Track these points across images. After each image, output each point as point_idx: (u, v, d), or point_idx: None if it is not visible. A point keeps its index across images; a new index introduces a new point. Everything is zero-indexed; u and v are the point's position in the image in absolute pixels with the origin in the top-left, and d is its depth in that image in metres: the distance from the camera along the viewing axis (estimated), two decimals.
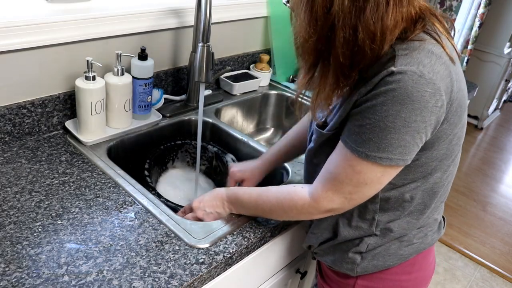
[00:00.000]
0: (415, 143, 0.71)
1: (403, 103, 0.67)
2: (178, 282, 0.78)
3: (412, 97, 0.67)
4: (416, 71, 0.67)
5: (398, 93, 0.67)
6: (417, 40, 0.70)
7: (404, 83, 0.66)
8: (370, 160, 0.72)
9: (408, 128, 0.69)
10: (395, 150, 0.70)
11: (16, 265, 0.77)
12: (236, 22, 1.51)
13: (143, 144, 1.25)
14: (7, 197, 0.92)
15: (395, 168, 0.74)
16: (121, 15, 1.17)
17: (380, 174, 0.74)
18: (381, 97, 0.68)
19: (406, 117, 0.68)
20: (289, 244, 1.10)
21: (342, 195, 0.77)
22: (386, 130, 0.69)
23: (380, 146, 0.70)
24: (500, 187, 3.11)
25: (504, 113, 4.31)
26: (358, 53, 0.69)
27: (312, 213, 0.83)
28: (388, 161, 0.71)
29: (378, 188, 0.77)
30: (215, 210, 0.94)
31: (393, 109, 0.68)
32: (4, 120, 1.06)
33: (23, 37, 1.02)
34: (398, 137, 0.69)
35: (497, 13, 3.50)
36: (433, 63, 0.68)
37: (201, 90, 1.13)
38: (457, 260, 2.41)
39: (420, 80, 0.66)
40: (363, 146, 0.72)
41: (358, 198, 0.78)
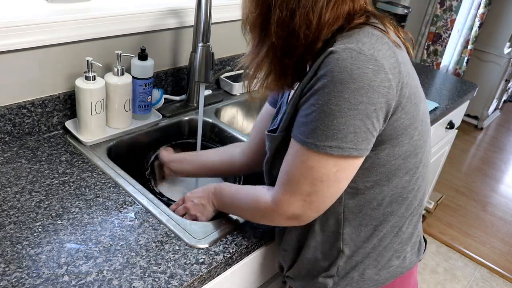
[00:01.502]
0: (367, 130, 0.66)
1: (344, 83, 0.63)
2: (178, 282, 0.78)
3: (353, 74, 0.63)
4: (354, 48, 0.64)
5: (338, 72, 0.63)
6: (357, 28, 0.68)
7: (342, 61, 0.63)
8: (321, 151, 0.67)
9: (355, 111, 0.64)
10: (345, 137, 0.65)
11: (16, 265, 0.77)
12: (236, 22, 1.51)
13: (143, 144, 1.25)
14: (7, 197, 0.92)
15: (350, 161, 0.68)
16: (121, 15, 1.17)
17: (335, 168, 0.68)
18: (322, 80, 0.65)
19: (350, 97, 0.63)
20: None
21: (300, 196, 0.72)
22: (331, 115, 0.64)
23: (328, 134, 0.65)
24: (500, 187, 3.11)
25: (504, 113, 4.31)
26: (291, 36, 0.67)
27: (274, 218, 0.78)
28: (340, 150, 0.66)
29: (338, 188, 0.71)
30: (200, 202, 0.93)
31: (335, 90, 0.63)
32: (4, 120, 1.06)
33: (23, 37, 1.02)
34: (346, 121, 0.64)
35: (497, 13, 3.50)
36: (373, 42, 0.65)
37: (201, 90, 1.13)
38: (457, 260, 2.41)
39: (360, 56, 0.63)
40: (311, 137, 0.67)
41: (317, 200, 0.72)
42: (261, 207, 0.79)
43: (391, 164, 0.73)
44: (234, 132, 1.31)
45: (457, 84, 1.94)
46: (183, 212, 0.96)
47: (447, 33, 2.98)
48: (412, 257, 0.86)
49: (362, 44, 0.64)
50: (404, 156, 0.74)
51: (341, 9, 0.68)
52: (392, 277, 0.84)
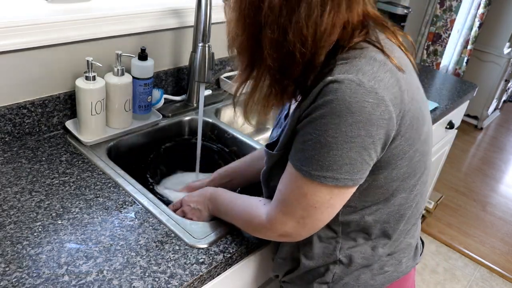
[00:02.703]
0: (364, 161, 0.65)
1: (342, 116, 0.61)
2: (178, 282, 0.78)
3: (352, 108, 0.61)
4: (354, 79, 0.61)
5: (336, 104, 0.61)
6: (358, 48, 0.65)
7: (341, 93, 0.61)
8: (315, 180, 0.66)
9: (352, 144, 0.63)
10: (341, 168, 0.64)
11: (16, 265, 0.77)
12: None
13: (143, 144, 1.25)
14: (7, 197, 0.92)
15: (345, 190, 0.68)
16: (121, 15, 1.17)
17: (329, 196, 0.68)
18: (320, 110, 0.63)
19: (347, 131, 0.62)
20: None
21: (294, 218, 0.72)
22: (327, 146, 0.63)
23: (324, 165, 0.65)
24: (500, 187, 3.11)
25: (504, 113, 4.31)
26: (287, 56, 0.64)
27: (266, 234, 0.78)
28: (334, 181, 0.65)
29: (331, 212, 0.71)
30: (197, 207, 0.93)
31: (333, 123, 0.62)
32: (4, 120, 1.06)
33: (23, 37, 1.02)
34: (342, 154, 0.63)
35: (497, 13, 3.50)
36: (375, 71, 0.63)
37: (201, 90, 1.13)
38: (457, 260, 2.41)
39: (359, 89, 0.61)
40: (306, 165, 0.66)
41: (311, 223, 0.72)
42: (254, 222, 0.79)
43: (389, 186, 0.73)
44: (234, 132, 1.31)
45: (457, 84, 1.94)
46: (180, 215, 0.95)
47: (447, 33, 2.98)
48: (409, 261, 0.86)
49: (363, 74, 0.62)
50: (403, 178, 0.73)
51: (336, 17, 0.63)
52: (388, 281, 0.83)
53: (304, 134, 0.66)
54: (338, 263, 0.80)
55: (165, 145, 1.23)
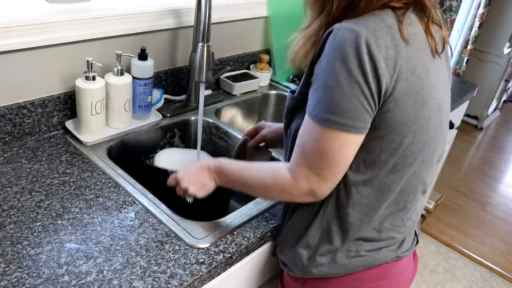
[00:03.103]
0: (364, 109, 0.69)
1: (342, 61, 0.68)
2: (178, 282, 0.78)
3: (348, 56, 0.67)
4: (354, 29, 0.67)
5: (338, 51, 0.68)
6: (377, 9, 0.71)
7: (342, 41, 0.68)
8: (323, 124, 0.71)
9: (352, 89, 0.68)
10: (343, 113, 0.69)
11: (16, 265, 0.77)
12: (236, 22, 1.51)
13: (143, 144, 1.25)
14: (7, 197, 0.92)
15: (352, 137, 0.71)
16: (121, 15, 1.17)
17: (338, 143, 0.71)
18: (325, 57, 0.70)
19: (347, 76, 0.68)
20: None
21: (313, 170, 0.74)
22: (331, 90, 0.69)
23: (328, 108, 0.70)
24: (500, 187, 3.11)
25: (504, 113, 4.31)
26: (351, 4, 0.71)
27: (293, 193, 0.78)
28: (337, 125, 0.70)
29: (345, 162, 0.74)
30: (200, 181, 0.90)
31: (335, 67, 0.68)
32: (4, 120, 1.06)
33: (23, 37, 1.02)
34: (343, 98, 0.68)
35: (497, 13, 3.51)
36: (377, 29, 0.68)
37: (201, 90, 1.13)
38: (457, 260, 2.41)
39: (357, 38, 0.67)
40: (315, 109, 0.72)
41: (329, 175, 0.74)
42: (279, 183, 0.79)
43: (376, 155, 0.75)
44: (234, 132, 1.31)
45: (457, 84, 1.94)
46: (180, 193, 0.92)
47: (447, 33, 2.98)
48: (388, 252, 0.86)
49: (365, 28, 0.68)
50: (391, 153, 0.75)
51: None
52: (363, 266, 0.84)
53: (314, 82, 0.73)
54: (318, 227, 0.83)
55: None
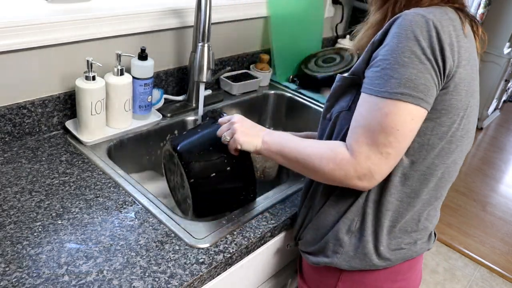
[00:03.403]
0: (434, 85, 0.72)
1: (415, 40, 0.71)
2: (178, 282, 0.78)
3: (423, 35, 0.71)
4: (424, 15, 0.72)
5: (410, 31, 0.71)
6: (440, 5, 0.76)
7: (415, 22, 0.71)
8: (393, 98, 0.72)
9: (424, 65, 0.71)
10: (417, 87, 0.71)
11: (16, 265, 0.77)
12: (236, 22, 1.52)
13: (143, 144, 1.25)
14: (7, 197, 0.92)
15: (422, 111, 0.73)
16: (121, 15, 1.17)
17: (410, 116, 0.72)
18: (396, 37, 0.72)
19: (420, 54, 0.71)
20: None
21: (377, 149, 0.73)
22: (404, 66, 0.71)
23: (401, 82, 0.71)
24: (500, 187, 3.11)
25: (504, 113, 4.31)
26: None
27: (349, 172, 0.76)
28: (411, 98, 0.71)
29: (411, 137, 0.75)
30: (250, 127, 0.90)
31: (408, 45, 0.71)
32: (4, 120, 1.06)
33: (23, 37, 1.02)
34: (417, 73, 0.71)
35: (497, 13, 3.51)
36: (443, 19, 0.72)
37: (201, 90, 1.13)
38: (457, 260, 2.41)
39: (429, 22, 0.71)
40: (384, 86, 0.72)
41: (393, 152, 0.74)
42: (337, 157, 0.77)
43: (426, 138, 0.77)
44: None
45: None
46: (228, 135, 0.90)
47: None
48: (423, 244, 0.89)
49: (433, 15, 0.72)
50: (440, 137, 0.77)
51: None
52: (402, 258, 0.86)
53: (381, 61, 0.74)
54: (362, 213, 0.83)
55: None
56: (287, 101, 1.61)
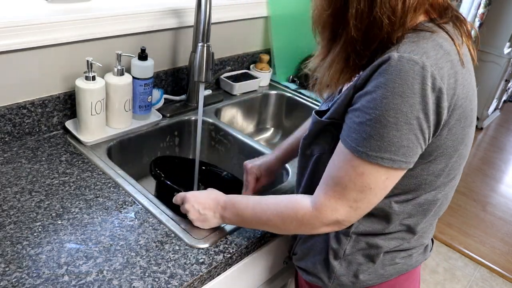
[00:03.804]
0: (419, 144, 0.66)
1: (404, 96, 0.62)
2: (178, 282, 0.78)
3: (413, 89, 0.62)
4: (418, 61, 0.62)
5: (399, 84, 0.62)
6: (429, 31, 0.67)
7: (405, 73, 0.62)
8: (372, 161, 0.66)
9: (411, 126, 0.64)
10: (398, 150, 0.65)
11: (16, 265, 0.77)
12: (236, 22, 1.51)
13: (143, 144, 1.25)
14: (7, 197, 0.92)
15: (400, 172, 0.69)
16: (121, 15, 1.17)
17: (385, 177, 0.68)
18: (381, 89, 0.64)
19: (407, 112, 0.63)
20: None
21: (346, 203, 0.70)
22: (387, 127, 0.64)
23: (382, 146, 0.65)
24: (500, 187, 3.11)
25: (504, 113, 4.31)
26: (373, 26, 0.65)
27: (314, 225, 0.75)
28: (391, 162, 0.66)
29: (382, 195, 0.71)
30: (204, 212, 0.87)
31: (394, 103, 0.63)
32: (4, 120, 1.06)
33: (23, 37, 1.02)
34: (401, 135, 0.64)
35: (497, 13, 3.50)
36: (438, 58, 0.64)
37: (201, 90, 1.13)
38: (457, 260, 2.41)
39: (422, 72, 0.62)
40: (363, 145, 0.66)
41: (363, 206, 0.71)
42: (298, 215, 0.75)
43: (422, 178, 0.73)
44: (234, 132, 1.31)
45: None
46: (182, 211, 0.91)
47: None
48: (418, 257, 0.86)
49: (427, 57, 0.63)
50: (437, 174, 0.73)
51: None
52: (397, 273, 0.84)
53: (362, 114, 0.66)
54: (348, 239, 0.80)
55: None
56: (287, 101, 1.61)
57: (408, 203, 0.76)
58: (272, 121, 1.66)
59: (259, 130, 1.64)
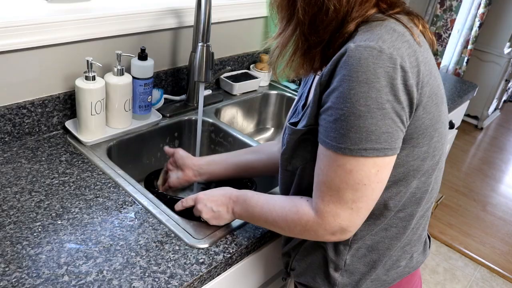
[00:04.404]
0: (398, 128, 0.66)
1: (369, 82, 0.62)
2: (178, 282, 0.78)
3: (376, 74, 0.62)
4: (375, 47, 0.63)
5: (362, 72, 0.62)
6: (380, 20, 0.68)
7: (364, 60, 0.63)
8: (356, 155, 0.65)
9: (384, 110, 0.63)
10: (379, 138, 0.64)
11: (16, 265, 0.77)
12: (236, 22, 1.51)
13: (143, 144, 1.25)
14: (7, 197, 0.92)
15: (388, 160, 0.67)
16: (121, 15, 1.17)
17: (375, 169, 0.66)
18: (346, 82, 0.64)
19: (377, 97, 0.63)
20: None
21: (345, 205, 0.69)
22: (362, 117, 0.63)
23: (362, 137, 0.64)
24: (500, 187, 3.11)
25: (504, 113, 4.31)
26: (320, 11, 0.66)
27: (318, 232, 0.72)
28: (375, 151, 0.65)
29: (380, 188, 0.70)
30: (217, 209, 0.87)
31: (362, 91, 0.63)
32: (4, 120, 1.06)
33: (23, 37, 1.02)
34: (377, 122, 0.63)
35: (497, 13, 3.50)
36: (393, 39, 0.64)
37: (201, 90, 1.13)
38: (457, 260, 2.41)
39: (381, 55, 0.62)
40: (343, 142, 0.65)
41: (364, 206, 0.69)
42: (302, 220, 0.73)
43: (409, 165, 0.72)
44: (234, 132, 1.31)
45: (457, 84, 1.94)
46: (196, 214, 0.91)
47: (447, 33, 2.98)
48: (419, 257, 0.86)
49: (383, 42, 0.64)
50: (423, 157, 0.73)
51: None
52: (400, 277, 0.83)
53: (334, 111, 0.66)
54: (347, 248, 0.79)
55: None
56: (287, 101, 1.61)
57: (400, 195, 0.75)
58: (272, 121, 1.66)
59: (259, 130, 1.64)
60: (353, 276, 0.81)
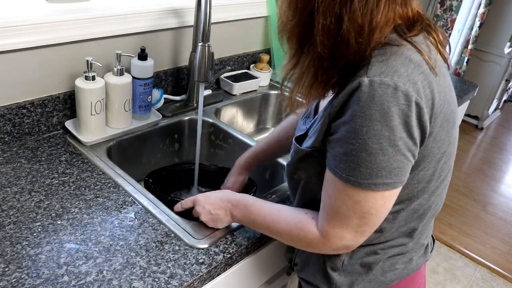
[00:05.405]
0: (409, 162, 0.66)
1: (382, 121, 0.62)
2: (178, 282, 0.78)
3: (391, 112, 0.61)
4: (390, 84, 0.61)
5: (375, 110, 0.61)
6: (395, 45, 0.65)
7: (379, 98, 0.61)
8: (365, 188, 0.66)
9: (396, 148, 0.63)
10: (390, 173, 0.65)
11: (15, 265, 0.77)
12: (236, 22, 1.51)
13: (143, 144, 1.25)
14: (7, 197, 0.92)
15: (396, 191, 0.68)
16: (121, 15, 1.17)
17: (382, 201, 0.67)
18: (358, 118, 0.63)
19: (390, 135, 0.62)
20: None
21: (351, 229, 0.70)
22: (373, 154, 0.63)
23: (373, 172, 0.64)
24: (500, 187, 3.11)
25: (504, 113, 4.30)
26: (341, 44, 0.64)
27: (322, 250, 0.75)
28: (385, 186, 0.65)
29: (385, 214, 0.71)
30: (215, 212, 0.87)
31: (374, 129, 0.62)
32: (4, 120, 1.06)
33: (23, 37, 1.02)
34: (389, 159, 0.63)
35: (497, 13, 3.50)
36: (409, 73, 0.63)
37: (201, 90, 1.13)
38: (457, 260, 2.41)
39: (396, 93, 0.61)
40: (354, 175, 0.65)
41: (368, 228, 0.71)
42: (307, 238, 0.75)
43: (413, 187, 0.73)
44: (234, 132, 1.31)
45: (458, 84, 1.94)
46: (194, 215, 0.91)
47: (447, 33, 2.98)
48: (419, 259, 0.86)
49: (398, 76, 0.62)
50: (428, 180, 0.73)
51: (391, 9, 0.64)
52: (398, 278, 0.83)
53: (345, 145, 0.65)
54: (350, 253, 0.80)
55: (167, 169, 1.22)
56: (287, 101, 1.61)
57: (402, 212, 0.76)
58: (272, 121, 1.66)
59: (259, 130, 1.64)
60: (351, 276, 0.82)
